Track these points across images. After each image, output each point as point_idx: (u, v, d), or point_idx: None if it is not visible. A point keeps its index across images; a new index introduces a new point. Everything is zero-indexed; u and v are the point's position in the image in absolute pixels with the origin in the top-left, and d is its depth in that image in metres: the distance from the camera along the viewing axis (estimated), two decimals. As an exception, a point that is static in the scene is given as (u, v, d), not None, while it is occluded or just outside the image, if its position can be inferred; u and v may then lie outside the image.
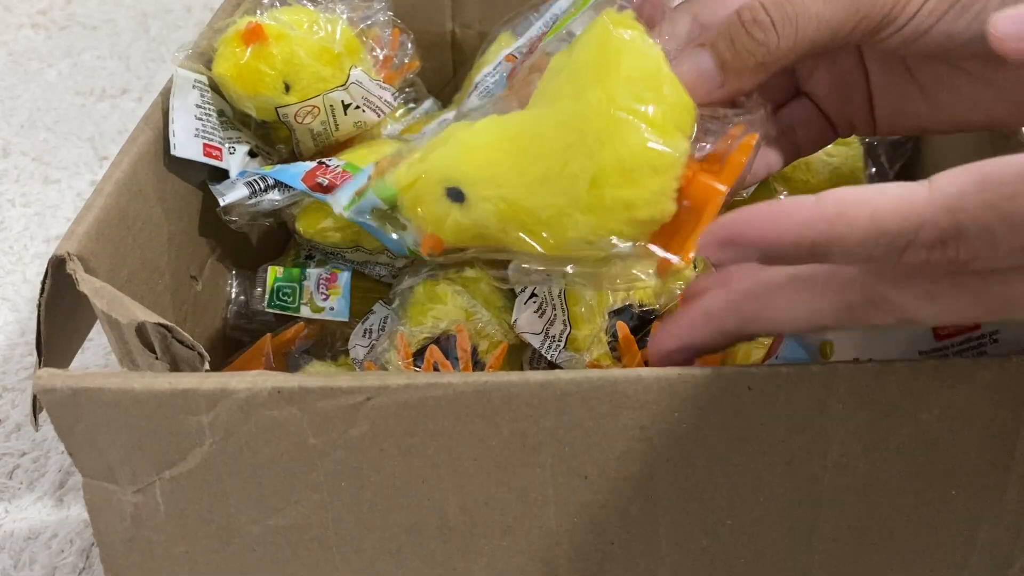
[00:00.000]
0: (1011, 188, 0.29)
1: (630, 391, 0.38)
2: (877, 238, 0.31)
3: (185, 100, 0.58)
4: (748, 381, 0.38)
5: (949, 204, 0.30)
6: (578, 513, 0.41)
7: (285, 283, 0.61)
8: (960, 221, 0.30)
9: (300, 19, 0.60)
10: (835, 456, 0.39)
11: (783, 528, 0.41)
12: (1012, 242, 0.30)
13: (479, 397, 0.39)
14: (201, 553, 0.43)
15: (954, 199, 0.30)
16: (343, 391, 0.39)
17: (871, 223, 0.31)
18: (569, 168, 0.40)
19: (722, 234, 0.33)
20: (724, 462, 0.40)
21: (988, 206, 0.30)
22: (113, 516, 0.42)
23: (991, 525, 0.41)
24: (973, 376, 0.38)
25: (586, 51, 0.42)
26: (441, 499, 0.41)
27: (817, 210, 0.31)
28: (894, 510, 0.41)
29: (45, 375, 0.40)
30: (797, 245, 0.32)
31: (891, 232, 0.31)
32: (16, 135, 1.02)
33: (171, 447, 0.40)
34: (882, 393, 0.38)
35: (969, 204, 0.30)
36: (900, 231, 0.31)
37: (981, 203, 0.30)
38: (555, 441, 0.39)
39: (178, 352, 0.42)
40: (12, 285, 0.83)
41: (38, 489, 0.65)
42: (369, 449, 0.40)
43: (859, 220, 0.31)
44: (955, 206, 0.30)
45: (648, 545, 0.41)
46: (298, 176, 0.57)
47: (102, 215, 0.49)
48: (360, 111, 0.63)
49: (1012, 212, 0.29)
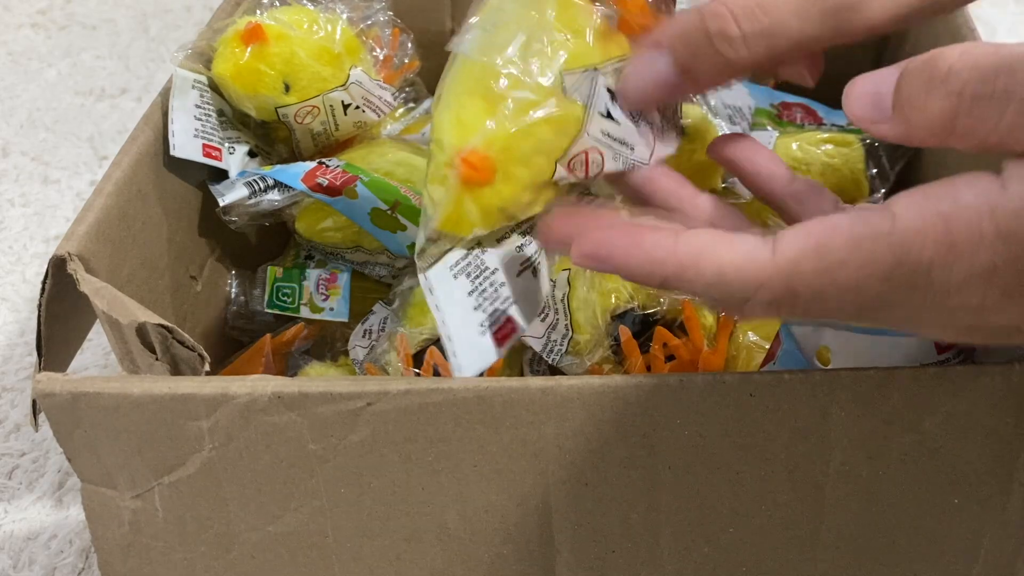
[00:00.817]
0: (840, 256, 0.32)
1: (632, 397, 0.38)
2: (719, 289, 0.34)
3: (184, 100, 0.58)
4: (750, 388, 0.38)
5: (786, 269, 0.32)
6: (579, 521, 0.41)
7: (285, 283, 0.61)
8: (794, 286, 0.32)
9: (300, 19, 0.60)
10: (837, 464, 0.39)
11: (785, 537, 0.41)
12: (839, 301, 0.32)
13: (480, 403, 0.38)
14: (199, 560, 0.42)
15: (791, 264, 0.32)
16: (343, 396, 0.38)
17: (715, 276, 0.33)
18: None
19: (589, 248, 0.36)
20: (726, 470, 0.39)
21: (820, 272, 0.32)
22: (111, 522, 0.42)
23: (994, 534, 0.41)
24: (975, 384, 0.38)
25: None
26: (441, 506, 0.40)
27: (672, 252, 0.34)
28: (896, 519, 0.41)
29: (44, 379, 0.40)
30: (649, 277, 0.35)
31: (732, 288, 0.33)
32: (16, 135, 1.01)
33: (170, 452, 0.40)
34: (885, 400, 0.38)
35: (804, 270, 0.32)
36: (740, 289, 0.33)
37: (814, 270, 0.32)
38: (556, 447, 0.39)
39: (178, 353, 0.42)
40: (12, 285, 0.82)
41: (37, 489, 0.65)
42: (369, 455, 0.40)
43: (706, 271, 0.33)
44: (791, 271, 0.32)
45: (649, 553, 0.41)
46: (298, 176, 0.57)
47: (102, 215, 0.48)
48: (360, 111, 0.62)
49: (841, 279, 0.32)
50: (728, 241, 0.34)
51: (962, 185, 0.31)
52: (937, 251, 0.31)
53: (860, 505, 0.40)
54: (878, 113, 0.34)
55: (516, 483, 0.40)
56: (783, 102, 0.75)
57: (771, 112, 0.74)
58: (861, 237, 0.32)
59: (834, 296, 0.32)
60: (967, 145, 0.32)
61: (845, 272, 0.32)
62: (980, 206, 0.31)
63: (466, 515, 0.41)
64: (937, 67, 0.32)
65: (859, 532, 0.41)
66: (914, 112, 0.33)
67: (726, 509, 0.40)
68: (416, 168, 0.62)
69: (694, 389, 0.38)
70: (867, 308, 0.33)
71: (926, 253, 0.31)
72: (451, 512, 0.41)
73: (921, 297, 0.32)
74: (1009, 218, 0.30)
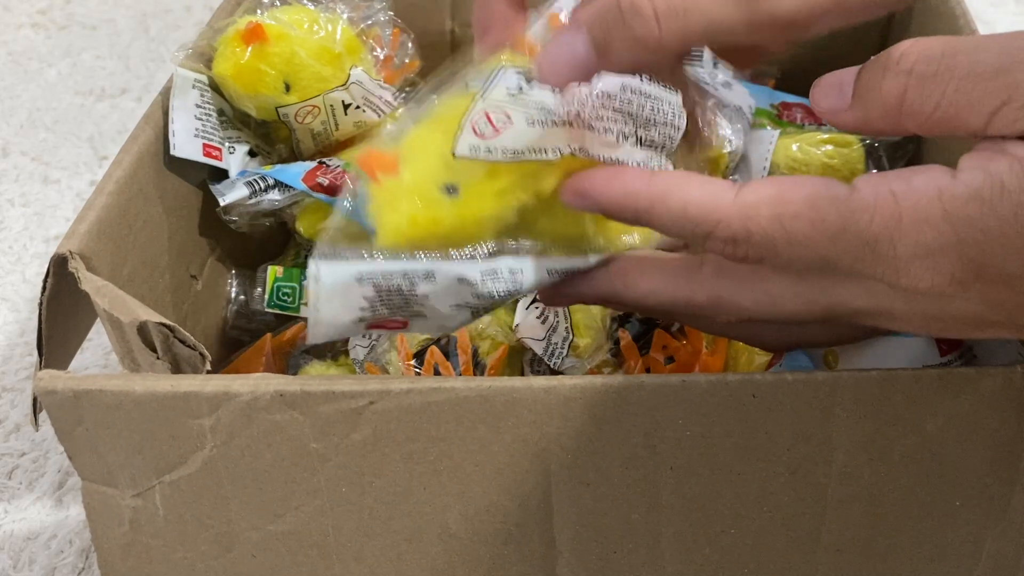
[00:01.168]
0: (795, 209, 0.34)
1: (633, 398, 0.38)
2: (684, 223, 0.36)
3: (185, 100, 0.58)
4: (753, 389, 0.38)
5: (744, 212, 0.35)
6: (580, 521, 0.41)
7: (285, 283, 0.61)
8: (749, 228, 0.35)
9: (300, 19, 0.60)
10: (839, 465, 0.39)
11: (787, 538, 0.41)
12: (789, 253, 0.34)
13: (482, 402, 0.38)
14: (200, 559, 0.42)
15: (750, 208, 0.35)
16: (345, 395, 0.38)
17: (680, 211, 0.36)
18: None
19: (574, 185, 0.39)
20: (728, 470, 0.39)
21: (773, 219, 0.34)
22: (112, 521, 0.42)
23: (996, 537, 0.41)
24: (977, 386, 0.38)
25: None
26: (443, 506, 0.40)
27: (646, 185, 0.37)
28: (899, 521, 0.41)
29: (46, 376, 0.40)
30: (623, 209, 0.37)
31: (695, 222, 0.36)
32: (16, 135, 1.01)
33: (172, 451, 0.40)
34: (887, 402, 0.38)
35: (760, 214, 0.34)
36: (702, 223, 0.35)
37: (769, 216, 0.34)
38: (558, 447, 0.39)
39: (180, 352, 0.42)
40: (11, 285, 0.82)
41: (37, 489, 0.64)
42: (371, 454, 0.39)
43: (673, 206, 0.36)
44: (749, 215, 0.35)
45: (650, 554, 0.41)
46: (298, 176, 0.57)
47: (104, 214, 0.48)
48: (360, 111, 0.62)
49: (792, 230, 0.34)
50: (698, 181, 0.36)
51: (919, 171, 0.34)
52: (884, 225, 0.33)
53: (862, 507, 0.40)
54: (840, 103, 0.36)
55: (518, 483, 0.40)
56: (783, 102, 0.75)
57: (771, 112, 0.74)
58: (818, 196, 0.34)
59: (784, 245, 0.34)
60: (916, 124, 0.34)
61: (796, 224, 0.34)
62: (929, 188, 0.33)
63: (467, 515, 0.41)
64: (891, 54, 0.34)
65: (861, 534, 0.41)
66: (869, 96, 0.35)
67: (728, 510, 0.40)
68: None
69: (696, 389, 0.38)
70: (815, 267, 0.35)
71: (873, 225, 0.33)
72: (453, 512, 0.41)
73: (869, 268, 0.34)
74: (956, 201, 0.32)
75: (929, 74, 0.33)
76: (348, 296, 0.39)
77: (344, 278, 0.39)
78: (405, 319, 0.40)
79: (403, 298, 0.39)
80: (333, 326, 0.39)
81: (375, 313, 0.39)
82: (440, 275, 0.39)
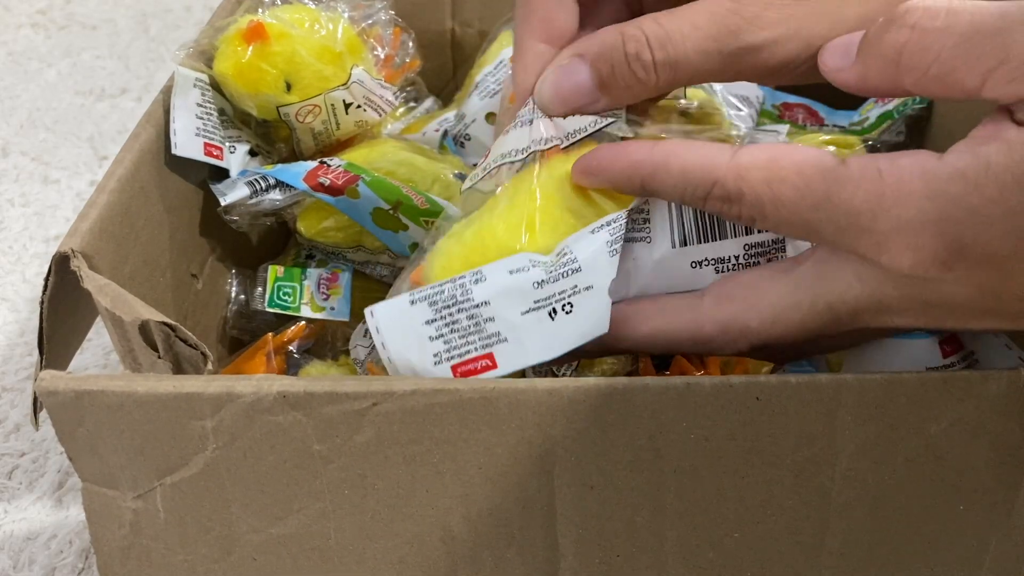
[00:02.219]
0: (784, 174, 0.36)
1: (638, 400, 0.38)
2: (685, 186, 0.38)
3: (186, 99, 0.58)
4: (757, 391, 0.38)
5: (738, 172, 0.37)
6: (583, 524, 0.40)
7: (285, 282, 0.61)
8: (741, 188, 0.37)
9: (301, 18, 0.60)
10: (843, 469, 0.39)
11: (790, 542, 0.41)
12: (776, 215, 0.36)
13: (486, 404, 0.38)
14: (200, 562, 0.42)
15: (743, 169, 0.37)
16: (349, 396, 0.38)
17: (680, 174, 0.38)
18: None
19: (583, 164, 0.41)
20: (732, 474, 0.39)
21: (763, 182, 0.36)
22: (112, 523, 0.42)
23: (1000, 542, 0.41)
24: (982, 389, 0.38)
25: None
26: (445, 508, 0.40)
27: (648, 154, 0.39)
28: (902, 525, 0.40)
29: (48, 377, 0.39)
30: (630, 179, 0.40)
31: (694, 184, 0.38)
32: (16, 135, 1.01)
33: (173, 452, 0.40)
34: (891, 405, 0.38)
35: (753, 177, 0.36)
36: (700, 184, 0.38)
37: (761, 179, 0.36)
38: (562, 450, 0.39)
39: (181, 351, 0.42)
40: (11, 285, 0.82)
41: (37, 489, 0.64)
42: (373, 456, 0.39)
43: (674, 169, 0.38)
44: (742, 176, 0.37)
45: (654, 558, 0.41)
46: (300, 176, 0.57)
47: (105, 212, 0.48)
48: (361, 110, 0.62)
49: (778, 193, 0.36)
50: (697, 144, 0.39)
51: (907, 153, 0.35)
52: (866, 199, 0.34)
53: (866, 511, 0.40)
54: (845, 61, 0.37)
55: (521, 486, 0.40)
56: (784, 103, 0.75)
57: (773, 113, 0.74)
58: (806, 164, 0.36)
59: (771, 207, 0.36)
60: (913, 80, 0.35)
61: (783, 188, 0.36)
62: (914, 167, 0.34)
63: (470, 518, 0.40)
64: (897, 11, 0.35)
65: (865, 538, 0.41)
66: (871, 51, 0.36)
67: (731, 513, 0.40)
68: (418, 168, 0.61)
69: (701, 392, 0.38)
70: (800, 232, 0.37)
71: (856, 199, 0.34)
72: (455, 515, 0.40)
73: (852, 241, 0.35)
74: (939, 180, 0.33)
75: (930, 28, 0.34)
76: (408, 323, 0.41)
77: (397, 305, 0.41)
78: (487, 350, 0.40)
79: (466, 313, 0.40)
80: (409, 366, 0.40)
81: (448, 345, 0.40)
82: (488, 272, 0.41)
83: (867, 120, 0.72)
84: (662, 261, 0.42)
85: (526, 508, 0.40)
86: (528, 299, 0.40)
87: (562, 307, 0.40)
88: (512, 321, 0.40)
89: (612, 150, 0.41)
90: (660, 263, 0.42)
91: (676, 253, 0.41)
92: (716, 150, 0.38)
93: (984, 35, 0.33)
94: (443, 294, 0.41)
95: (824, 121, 0.75)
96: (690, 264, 0.42)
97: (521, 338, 0.40)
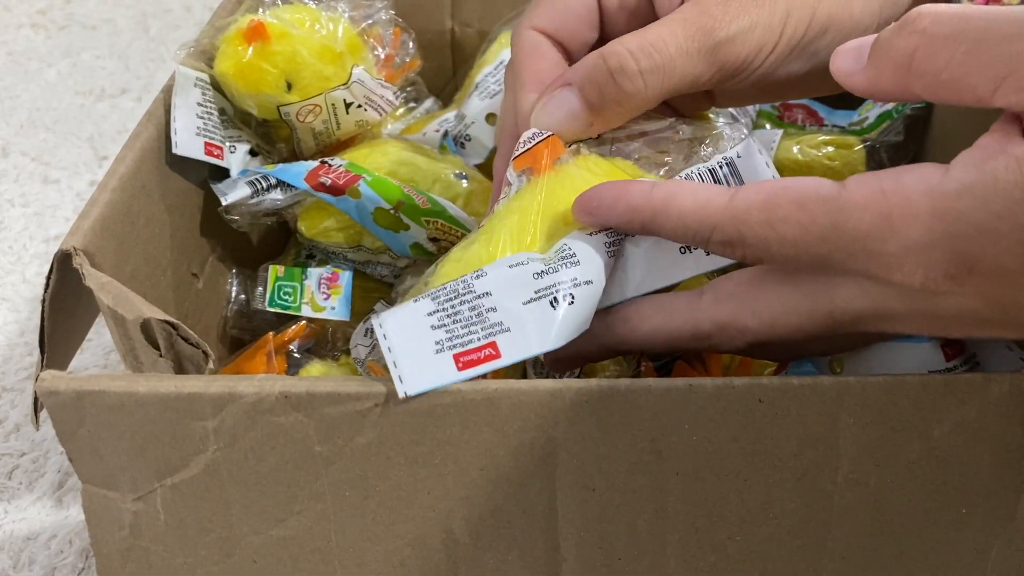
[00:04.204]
0: (784, 213, 0.35)
1: (640, 402, 0.38)
2: (684, 232, 0.38)
3: (187, 98, 0.58)
4: (759, 394, 0.38)
5: (736, 217, 0.37)
6: (585, 527, 0.40)
7: (286, 282, 0.61)
8: (742, 232, 0.37)
9: (302, 17, 0.60)
10: (846, 472, 0.39)
11: (793, 546, 0.41)
12: (783, 253, 0.36)
13: (488, 405, 0.38)
14: (200, 564, 0.42)
15: (741, 213, 0.37)
16: (351, 397, 0.38)
17: (679, 219, 0.38)
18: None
19: (584, 204, 0.41)
20: (734, 477, 0.39)
21: (764, 224, 0.36)
22: (111, 524, 0.42)
23: (1003, 546, 0.41)
24: (984, 392, 0.38)
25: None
26: (447, 511, 0.40)
27: (647, 199, 0.39)
28: (905, 529, 0.40)
29: (48, 377, 0.39)
30: (629, 223, 0.40)
31: (693, 231, 0.38)
32: (16, 135, 1.01)
33: (174, 453, 0.40)
34: (893, 408, 0.38)
35: (752, 220, 0.36)
36: (699, 230, 0.38)
37: (761, 221, 0.36)
38: (563, 452, 0.39)
39: (182, 350, 0.42)
40: (11, 285, 0.82)
41: (37, 489, 0.64)
42: (375, 457, 0.39)
43: (672, 215, 0.39)
44: (741, 219, 0.37)
45: (656, 561, 0.41)
46: (301, 175, 0.57)
47: (107, 211, 0.48)
48: (362, 110, 0.62)
49: (783, 232, 0.36)
50: (691, 190, 0.39)
51: (910, 169, 0.34)
52: (873, 222, 0.34)
53: (868, 514, 0.40)
54: (856, 65, 0.37)
55: (523, 488, 0.40)
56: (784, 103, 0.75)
57: (772, 113, 0.74)
58: (806, 199, 0.35)
59: (777, 247, 0.36)
60: (923, 86, 0.35)
61: (787, 227, 0.36)
62: (919, 185, 0.33)
63: (472, 520, 0.40)
64: (909, 16, 0.35)
65: (867, 541, 0.41)
66: (882, 55, 0.36)
67: (733, 516, 0.40)
68: (419, 168, 0.61)
69: (703, 394, 0.38)
70: (811, 265, 0.37)
71: (863, 223, 0.34)
72: (457, 517, 0.40)
73: (862, 265, 0.35)
74: (944, 198, 0.33)
75: (941, 34, 0.34)
76: (412, 319, 0.40)
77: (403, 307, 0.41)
78: (490, 339, 0.40)
79: (468, 304, 0.40)
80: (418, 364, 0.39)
81: (450, 334, 0.40)
82: (489, 268, 0.41)
83: (866, 120, 0.72)
84: (650, 250, 0.43)
85: (528, 510, 0.40)
86: (529, 289, 0.40)
87: (563, 298, 0.40)
88: (514, 311, 0.40)
89: (612, 192, 0.41)
90: (648, 252, 0.43)
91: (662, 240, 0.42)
92: (712, 194, 0.38)
93: (996, 42, 0.33)
94: (445, 289, 0.41)
95: (823, 121, 0.75)
96: (679, 250, 0.43)
97: (524, 327, 0.39)
